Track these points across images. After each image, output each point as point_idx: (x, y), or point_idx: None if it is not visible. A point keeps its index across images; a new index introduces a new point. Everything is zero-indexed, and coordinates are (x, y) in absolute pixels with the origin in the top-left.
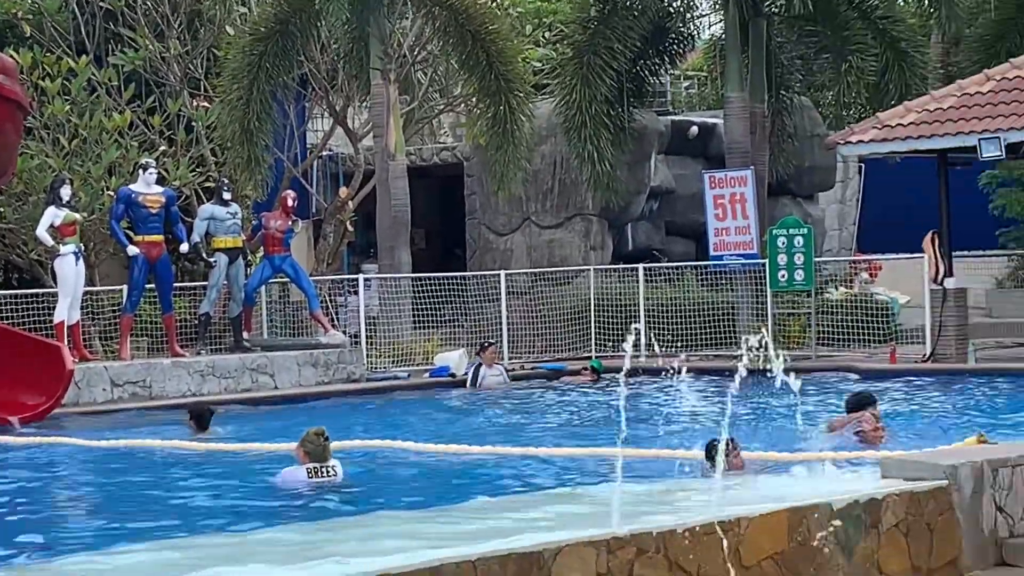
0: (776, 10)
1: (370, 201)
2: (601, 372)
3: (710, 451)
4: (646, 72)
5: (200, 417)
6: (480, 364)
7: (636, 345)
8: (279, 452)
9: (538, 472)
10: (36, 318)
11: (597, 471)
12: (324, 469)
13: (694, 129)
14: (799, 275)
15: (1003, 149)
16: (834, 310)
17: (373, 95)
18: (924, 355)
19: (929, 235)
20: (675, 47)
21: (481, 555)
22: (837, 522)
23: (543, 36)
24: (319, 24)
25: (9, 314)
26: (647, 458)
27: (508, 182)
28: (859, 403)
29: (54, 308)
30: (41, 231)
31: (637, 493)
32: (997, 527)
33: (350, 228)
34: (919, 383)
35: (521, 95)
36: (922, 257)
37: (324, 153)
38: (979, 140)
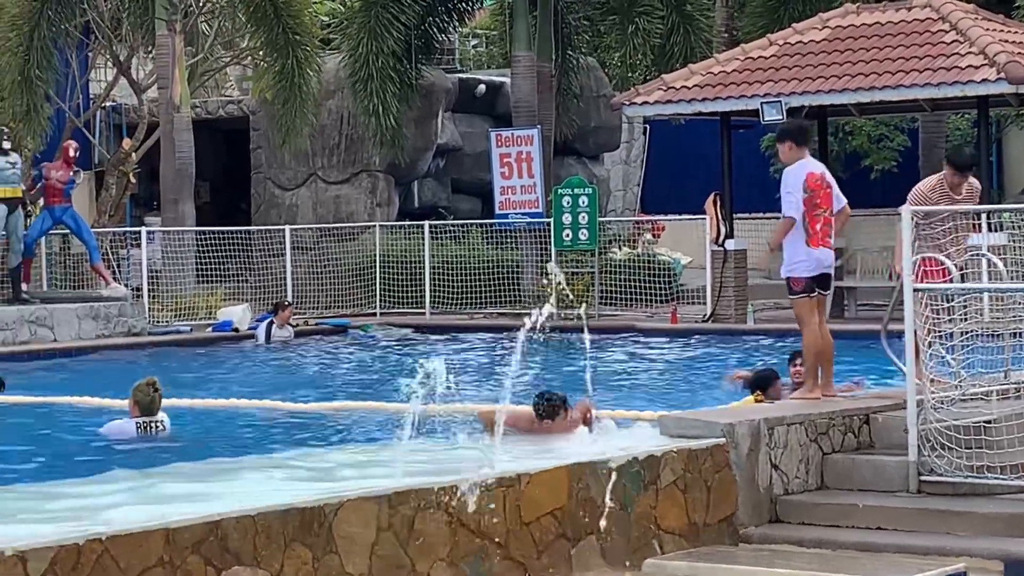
0: None
1: (154, 153)
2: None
3: (540, 405)
4: (435, 29)
5: None
6: (272, 322)
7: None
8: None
9: (329, 427)
10: None
11: (384, 426)
12: (153, 424)
13: (481, 87)
14: (583, 235)
15: (784, 113)
16: (617, 270)
17: (158, 46)
18: (705, 315)
19: (711, 197)
20: (464, 4)
21: (262, 510)
22: (616, 478)
23: None
24: None
25: None
26: (432, 414)
27: (294, 137)
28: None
29: None
30: None
31: (420, 448)
32: (772, 484)
33: (133, 180)
34: (699, 343)
35: (309, 49)
36: (704, 218)
37: (107, 104)
38: (761, 104)
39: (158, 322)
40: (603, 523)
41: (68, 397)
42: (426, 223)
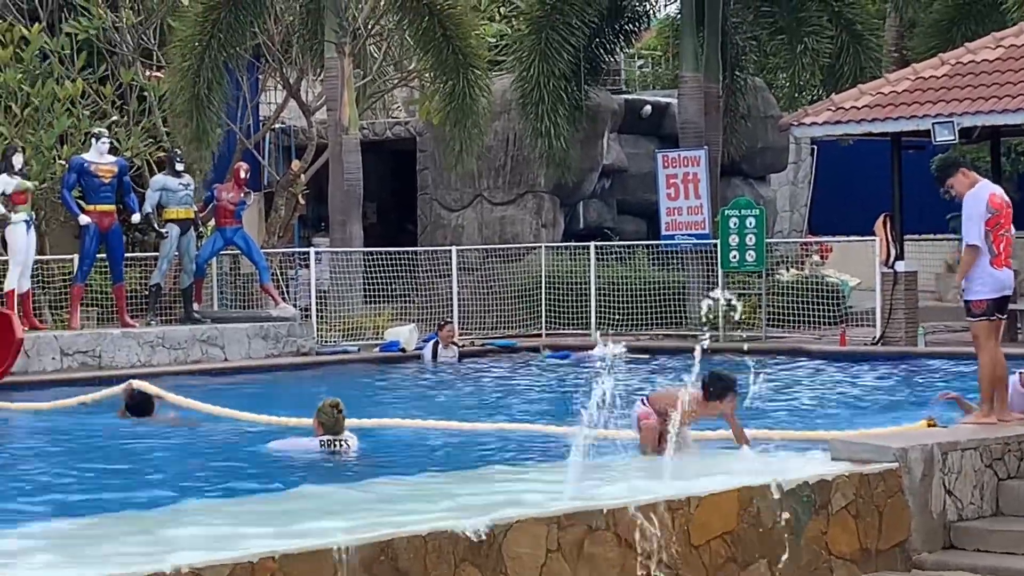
0: None
1: (322, 174)
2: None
3: (713, 383)
4: (601, 50)
5: (139, 409)
6: (438, 341)
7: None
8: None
9: (499, 447)
10: None
11: (552, 448)
12: (337, 442)
13: (647, 108)
14: (750, 256)
15: (956, 133)
16: (785, 291)
17: (327, 68)
18: (874, 338)
19: (881, 218)
20: (631, 25)
21: (433, 530)
22: (787, 502)
23: (498, 11)
24: None
25: None
26: (600, 437)
27: (464, 158)
28: None
29: (4, 276)
30: None
31: (589, 470)
32: (946, 510)
33: (302, 201)
34: (868, 366)
35: (478, 70)
36: (873, 240)
37: (277, 126)
38: (933, 124)
39: (326, 342)
40: (773, 547)
41: (245, 414)
42: (592, 244)
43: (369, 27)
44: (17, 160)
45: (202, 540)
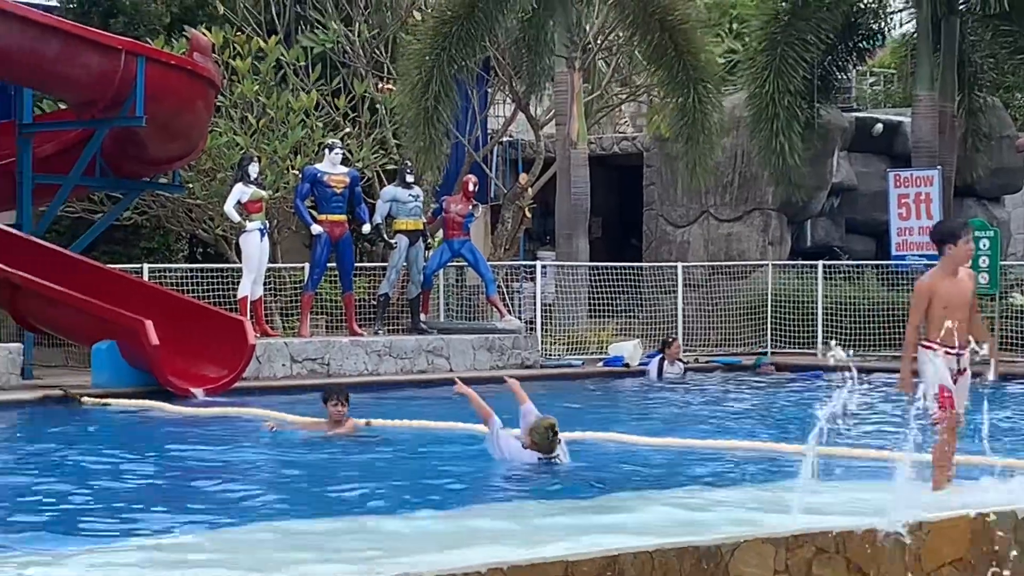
0: (970, 8)
1: (549, 188)
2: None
3: None
4: (834, 67)
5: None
6: (663, 358)
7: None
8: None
9: (726, 465)
10: (220, 292)
11: (783, 466)
12: (550, 461)
13: (879, 127)
14: (984, 279)
15: None
16: (1018, 315)
17: (557, 82)
18: None
19: None
20: (865, 43)
21: (659, 547)
22: (1021, 531)
23: (727, 29)
24: (504, 10)
25: (194, 287)
26: (834, 457)
27: (699, 174)
28: None
29: (238, 283)
30: (229, 207)
31: (820, 491)
32: None
33: (528, 214)
34: None
35: (710, 85)
36: None
37: (505, 139)
38: None
39: (550, 355)
40: None
41: (464, 424)
42: (820, 263)
43: (599, 42)
44: (253, 169)
45: (428, 549)
